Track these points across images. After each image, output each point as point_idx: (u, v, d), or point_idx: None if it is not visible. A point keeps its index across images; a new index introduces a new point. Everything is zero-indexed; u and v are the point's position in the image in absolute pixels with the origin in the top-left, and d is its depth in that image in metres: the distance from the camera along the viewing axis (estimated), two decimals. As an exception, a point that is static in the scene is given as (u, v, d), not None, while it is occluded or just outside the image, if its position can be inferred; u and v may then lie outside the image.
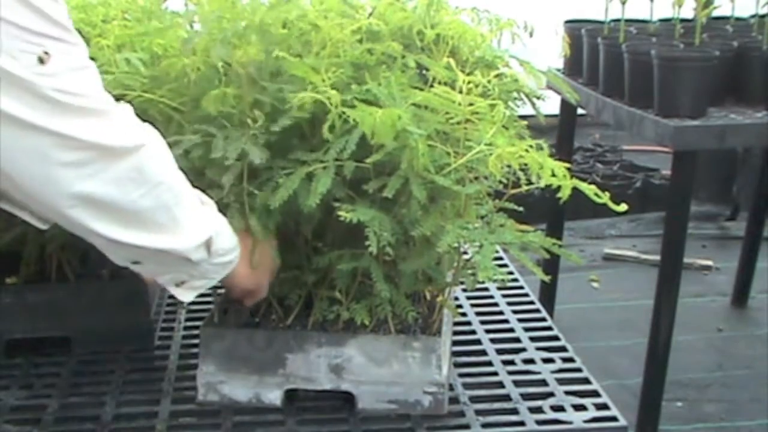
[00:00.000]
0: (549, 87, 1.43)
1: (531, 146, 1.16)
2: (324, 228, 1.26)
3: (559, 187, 1.16)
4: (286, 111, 1.18)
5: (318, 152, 1.17)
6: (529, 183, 1.22)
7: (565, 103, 2.97)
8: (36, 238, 1.42)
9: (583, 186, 1.15)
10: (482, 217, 1.25)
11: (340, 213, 1.13)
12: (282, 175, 1.16)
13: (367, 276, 1.24)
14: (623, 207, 1.14)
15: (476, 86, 1.16)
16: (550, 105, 1.54)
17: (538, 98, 1.36)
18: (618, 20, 2.72)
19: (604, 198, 1.15)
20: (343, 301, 1.27)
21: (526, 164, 1.16)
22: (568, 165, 1.18)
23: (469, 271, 1.28)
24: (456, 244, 1.21)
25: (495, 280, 1.22)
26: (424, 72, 1.29)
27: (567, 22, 3.00)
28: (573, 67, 2.89)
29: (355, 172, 1.16)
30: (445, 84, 1.20)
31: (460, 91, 1.16)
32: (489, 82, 1.18)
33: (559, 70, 2.94)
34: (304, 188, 1.14)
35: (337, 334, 1.26)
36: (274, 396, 1.27)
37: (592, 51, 2.74)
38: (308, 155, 1.17)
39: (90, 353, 1.43)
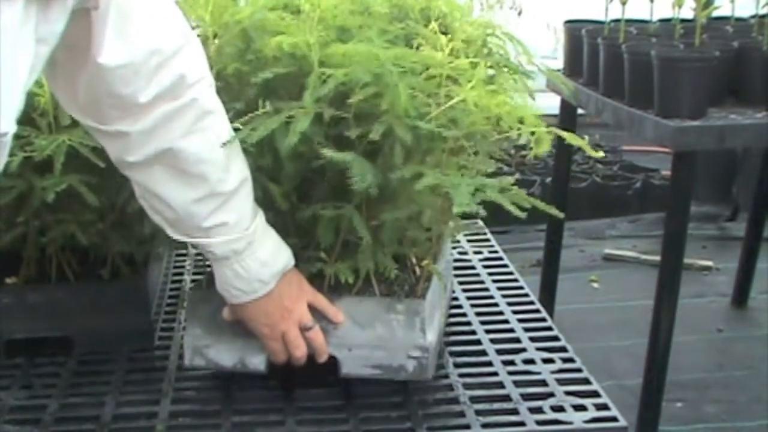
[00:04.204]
0: (549, 87, 1.43)
1: (512, 98, 1.18)
2: (307, 190, 1.26)
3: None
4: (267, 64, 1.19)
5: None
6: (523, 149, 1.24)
7: (565, 103, 2.97)
8: (36, 239, 1.42)
9: (567, 135, 1.18)
10: (462, 167, 1.24)
11: (322, 152, 1.13)
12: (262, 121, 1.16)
13: (350, 232, 1.23)
14: (600, 153, 1.17)
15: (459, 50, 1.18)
16: (550, 105, 1.54)
17: (527, 76, 1.36)
18: (618, 20, 2.71)
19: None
20: (327, 260, 1.26)
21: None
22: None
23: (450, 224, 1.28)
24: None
25: (472, 217, 1.26)
26: (411, 41, 1.29)
27: (567, 22, 3.00)
28: (573, 67, 2.89)
29: (337, 123, 1.16)
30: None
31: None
32: (476, 55, 1.19)
33: (558, 70, 2.94)
34: (283, 131, 1.14)
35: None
36: (258, 361, 1.27)
37: (592, 51, 2.73)
38: (288, 104, 1.18)
39: (90, 353, 1.43)
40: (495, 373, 1.35)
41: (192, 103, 1.12)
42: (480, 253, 1.79)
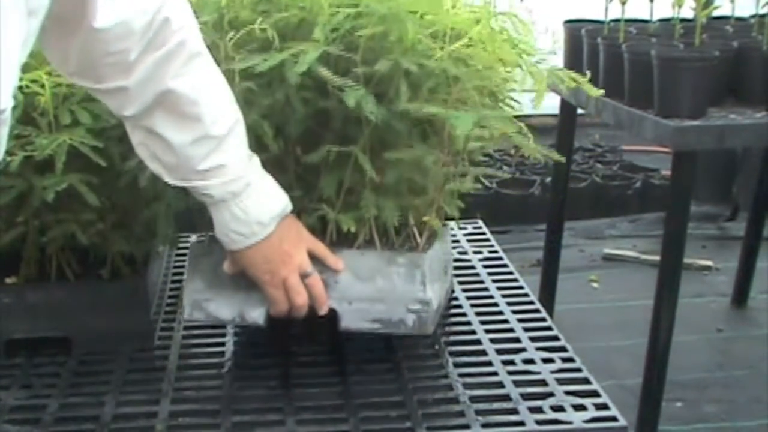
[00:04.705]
0: (548, 87, 1.43)
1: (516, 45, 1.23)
2: (312, 141, 1.28)
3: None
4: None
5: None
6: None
7: (565, 103, 2.97)
8: (36, 239, 1.42)
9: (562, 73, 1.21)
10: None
11: (332, 81, 1.17)
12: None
13: (354, 181, 1.26)
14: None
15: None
16: (551, 105, 1.55)
17: (528, 54, 1.37)
18: (618, 20, 2.71)
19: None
20: (330, 211, 1.28)
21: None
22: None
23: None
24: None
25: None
26: None
27: (567, 22, 3.00)
28: (573, 67, 2.88)
29: (345, 69, 1.19)
30: None
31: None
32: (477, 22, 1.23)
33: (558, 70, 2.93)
34: (292, 65, 1.18)
35: None
36: (257, 314, 1.28)
37: (592, 51, 2.73)
38: (298, 43, 1.21)
39: (90, 353, 1.43)
40: (495, 373, 1.35)
41: (179, 47, 1.16)
42: (480, 253, 1.79)
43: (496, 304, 1.57)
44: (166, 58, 1.15)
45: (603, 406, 1.24)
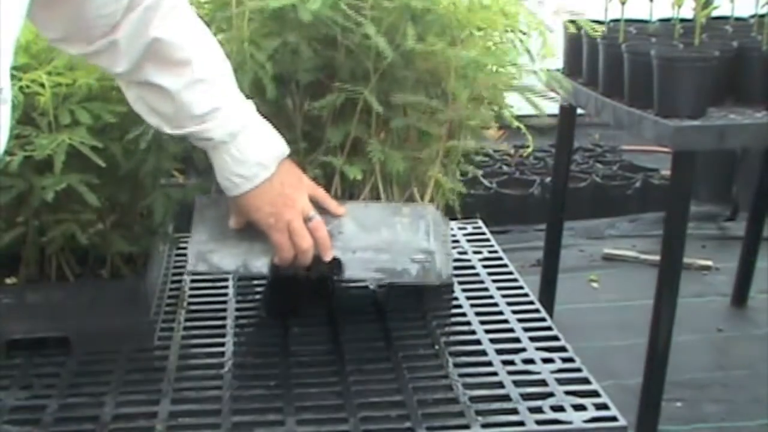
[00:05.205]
0: (548, 87, 1.44)
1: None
2: (319, 92, 1.31)
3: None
4: None
5: None
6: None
7: (564, 103, 2.97)
8: (36, 239, 1.42)
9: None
10: None
11: (347, 13, 1.20)
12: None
13: (359, 130, 1.29)
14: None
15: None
16: (551, 105, 1.55)
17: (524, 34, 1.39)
18: (618, 20, 2.72)
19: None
20: (335, 160, 1.30)
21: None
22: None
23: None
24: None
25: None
26: None
27: (567, 22, 2.99)
28: (573, 67, 2.89)
29: (355, 8, 1.23)
30: None
31: None
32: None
33: (558, 69, 2.94)
34: (302, 6, 1.22)
35: None
36: (261, 264, 1.28)
37: (592, 51, 2.73)
38: None
39: (90, 353, 1.43)
40: (495, 373, 1.35)
41: (157, 2, 1.20)
42: (480, 253, 1.79)
43: (496, 304, 1.57)
44: (147, 12, 1.20)
45: (603, 406, 1.24)
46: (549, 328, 1.48)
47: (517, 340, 1.45)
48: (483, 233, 1.89)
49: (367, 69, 1.29)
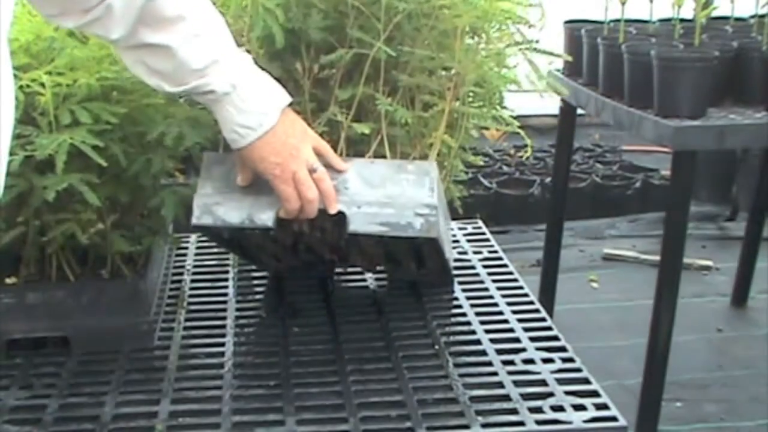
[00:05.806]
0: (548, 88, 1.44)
1: None
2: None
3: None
4: None
5: None
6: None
7: (564, 103, 2.97)
8: (36, 239, 1.42)
9: None
10: None
11: None
12: None
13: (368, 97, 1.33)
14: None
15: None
16: (551, 105, 1.55)
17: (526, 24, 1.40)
18: (618, 20, 2.71)
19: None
20: (341, 115, 1.33)
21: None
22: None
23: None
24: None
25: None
26: None
27: (567, 22, 3.00)
28: (573, 67, 2.89)
29: None
30: None
31: None
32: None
33: (558, 70, 2.94)
34: None
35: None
36: (266, 216, 1.29)
37: (592, 51, 2.73)
38: None
39: (90, 353, 1.43)
40: (495, 373, 1.35)
41: None
42: (480, 253, 1.79)
43: (496, 305, 1.58)
44: None
45: (603, 406, 1.25)
46: (549, 328, 1.48)
47: (517, 340, 1.45)
48: (483, 233, 1.89)
49: (377, 29, 1.32)
